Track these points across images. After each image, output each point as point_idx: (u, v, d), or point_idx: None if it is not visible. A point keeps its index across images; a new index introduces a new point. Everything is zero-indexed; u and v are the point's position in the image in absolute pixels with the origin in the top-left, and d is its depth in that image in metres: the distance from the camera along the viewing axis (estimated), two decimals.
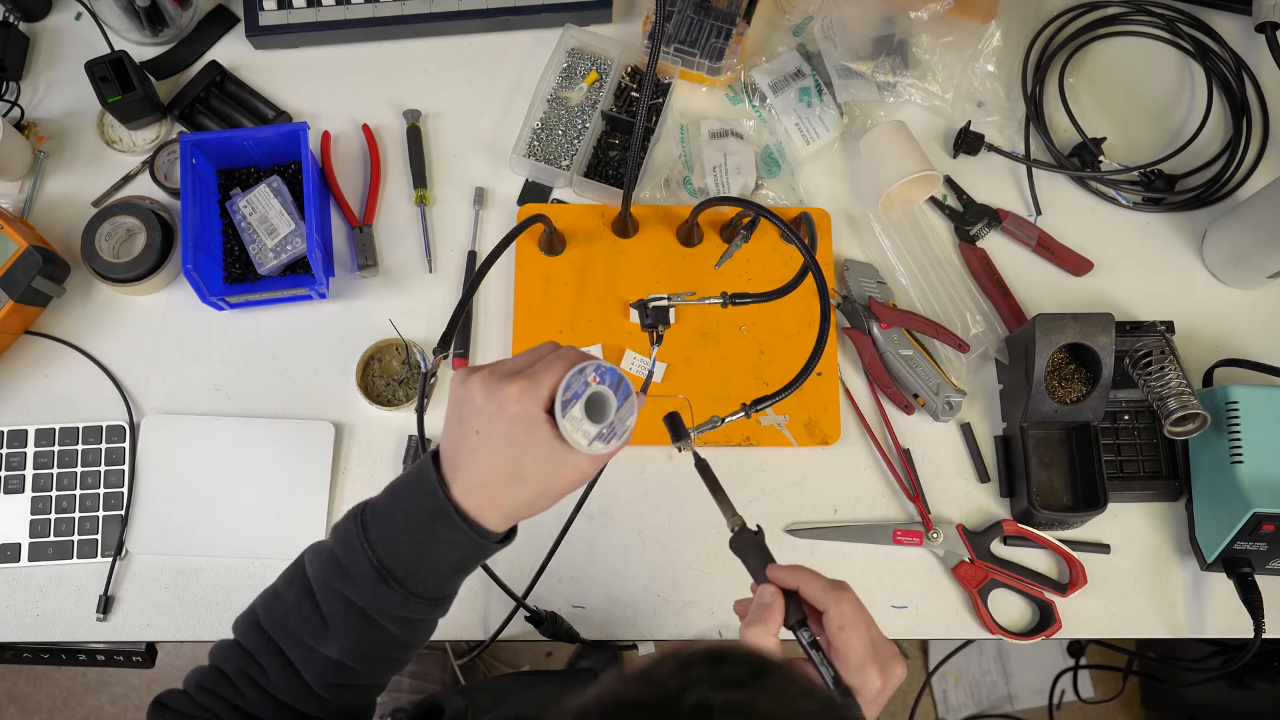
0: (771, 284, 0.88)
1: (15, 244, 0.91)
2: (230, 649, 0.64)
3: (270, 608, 0.63)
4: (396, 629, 0.60)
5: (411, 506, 0.59)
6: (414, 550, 0.59)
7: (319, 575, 0.60)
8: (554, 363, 0.58)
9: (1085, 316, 0.89)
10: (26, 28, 1.06)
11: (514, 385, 0.57)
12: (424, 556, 0.59)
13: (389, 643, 0.61)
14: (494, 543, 0.60)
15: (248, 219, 0.97)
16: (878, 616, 0.91)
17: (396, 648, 0.62)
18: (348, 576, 0.59)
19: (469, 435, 0.58)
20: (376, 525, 0.59)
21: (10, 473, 0.93)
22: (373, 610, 0.59)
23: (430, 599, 0.60)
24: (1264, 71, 1.07)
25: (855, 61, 1.03)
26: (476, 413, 0.58)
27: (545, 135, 1.02)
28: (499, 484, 0.58)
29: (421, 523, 0.58)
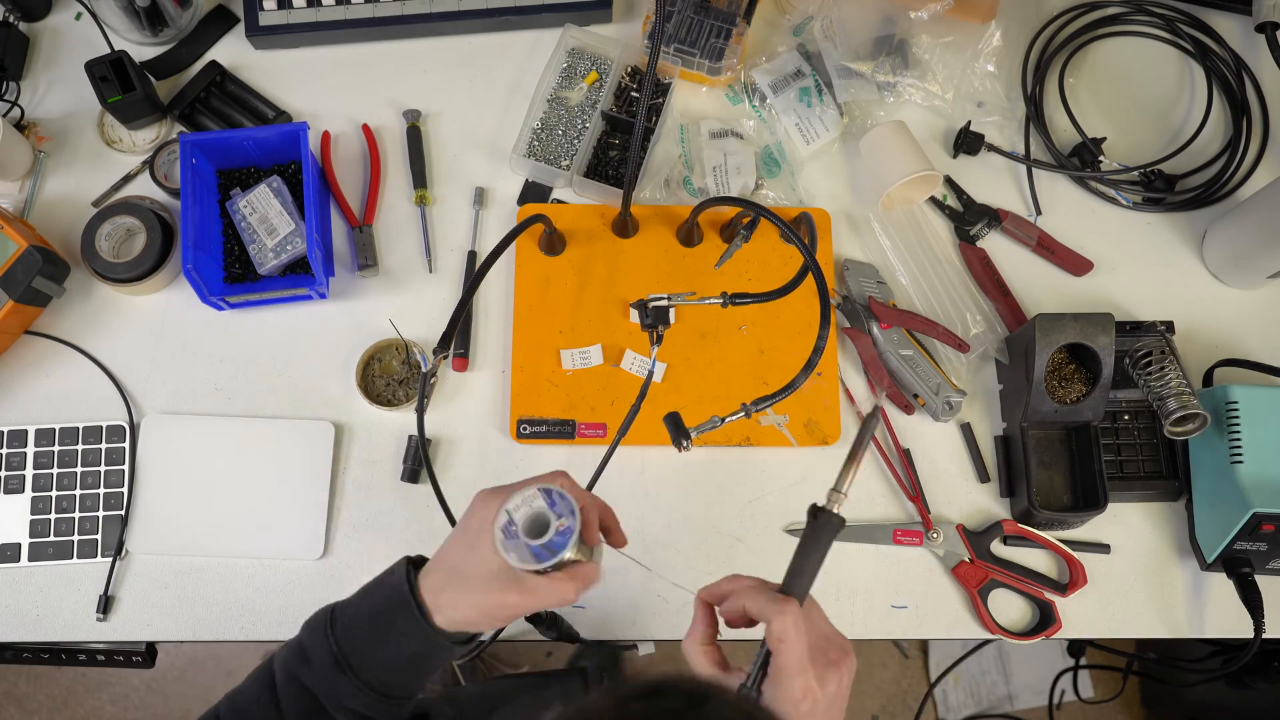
0: (771, 284, 0.88)
1: (15, 244, 0.91)
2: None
3: (234, 700, 0.65)
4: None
5: (378, 598, 0.63)
6: (372, 639, 0.62)
7: (283, 663, 0.63)
8: (531, 483, 0.64)
9: (1085, 316, 0.89)
10: (27, 28, 1.06)
11: (494, 493, 0.63)
12: (380, 646, 0.62)
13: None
14: (450, 644, 0.63)
15: (248, 219, 0.97)
16: (878, 616, 0.92)
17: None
18: (307, 663, 0.62)
19: (453, 533, 0.64)
20: (344, 615, 0.63)
21: (10, 473, 0.93)
22: (326, 699, 0.61)
23: (384, 695, 0.62)
24: (1264, 71, 1.07)
25: (855, 61, 1.03)
26: (466, 514, 0.65)
27: (545, 135, 1.02)
28: (452, 579, 0.62)
29: (384, 613, 0.62)
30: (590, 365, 0.96)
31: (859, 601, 0.93)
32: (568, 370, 0.96)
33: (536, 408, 0.95)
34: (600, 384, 0.96)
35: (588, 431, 0.94)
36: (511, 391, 0.95)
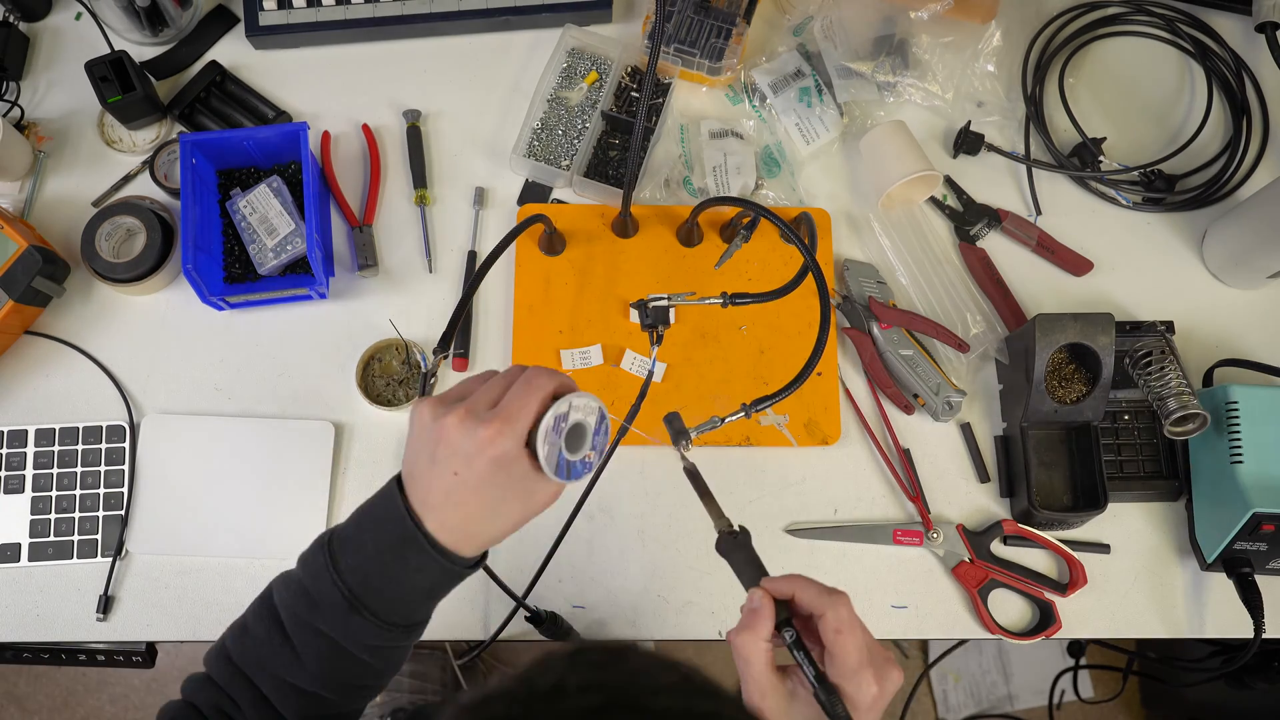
0: (772, 284, 0.88)
1: (15, 244, 0.91)
2: (203, 683, 0.63)
3: (240, 641, 0.63)
4: (369, 657, 0.60)
5: (380, 534, 0.59)
6: (385, 578, 0.59)
7: (289, 607, 0.60)
8: (529, 394, 0.57)
9: (1085, 316, 0.89)
10: (27, 28, 1.06)
11: (492, 426, 0.56)
12: (395, 584, 0.59)
13: (363, 672, 0.61)
14: (466, 568, 0.60)
15: (248, 219, 0.97)
16: (878, 616, 0.92)
17: (370, 676, 0.62)
18: (318, 608, 0.59)
19: (444, 476, 0.57)
20: (345, 554, 0.59)
21: (10, 473, 0.93)
22: (345, 641, 0.59)
23: (403, 626, 0.60)
24: (1264, 72, 1.07)
25: (855, 61, 1.03)
26: (454, 455, 0.56)
27: (545, 135, 1.02)
28: (476, 521, 0.58)
29: (392, 550, 0.58)
30: (590, 365, 0.96)
31: (859, 601, 0.92)
32: (568, 370, 0.96)
33: None
34: (600, 384, 0.96)
35: None
36: None
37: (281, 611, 0.61)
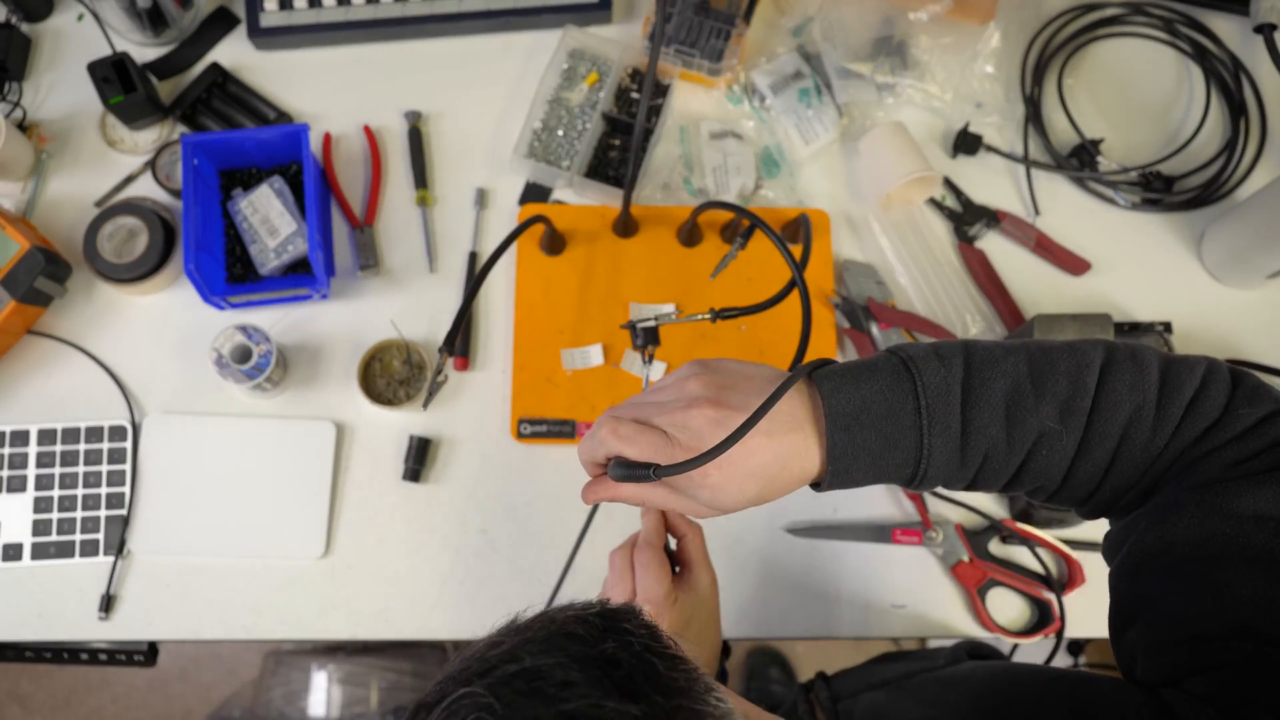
0: (772, 285, 0.88)
1: (17, 244, 0.91)
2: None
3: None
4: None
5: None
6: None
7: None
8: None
9: (1084, 317, 0.90)
10: (29, 29, 1.06)
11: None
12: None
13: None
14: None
15: (249, 219, 0.97)
16: (877, 615, 0.92)
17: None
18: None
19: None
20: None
21: (12, 472, 0.93)
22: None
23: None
24: (1262, 73, 1.08)
25: (854, 63, 1.03)
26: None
27: (546, 136, 1.02)
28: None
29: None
30: (590, 365, 0.96)
31: (858, 601, 0.93)
32: (568, 370, 0.96)
33: (537, 407, 0.95)
34: (601, 384, 0.96)
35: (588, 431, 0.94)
36: (512, 391, 0.95)
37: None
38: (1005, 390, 0.53)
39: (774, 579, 0.93)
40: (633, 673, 0.40)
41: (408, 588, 0.92)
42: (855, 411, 0.53)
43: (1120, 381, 0.53)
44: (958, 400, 0.53)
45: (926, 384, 0.53)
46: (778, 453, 0.53)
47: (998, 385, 0.53)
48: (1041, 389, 0.53)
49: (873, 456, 0.54)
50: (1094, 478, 0.55)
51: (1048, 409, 0.53)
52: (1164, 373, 0.54)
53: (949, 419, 0.53)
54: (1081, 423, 0.53)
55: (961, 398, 0.53)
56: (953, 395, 0.53)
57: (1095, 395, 0.53)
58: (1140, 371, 0.54)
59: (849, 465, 0.54)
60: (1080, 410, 0.53)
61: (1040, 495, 0.58)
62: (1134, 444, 0.53)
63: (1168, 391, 0.53)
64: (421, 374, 0.95)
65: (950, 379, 0.54)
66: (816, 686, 0.83)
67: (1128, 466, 0.54)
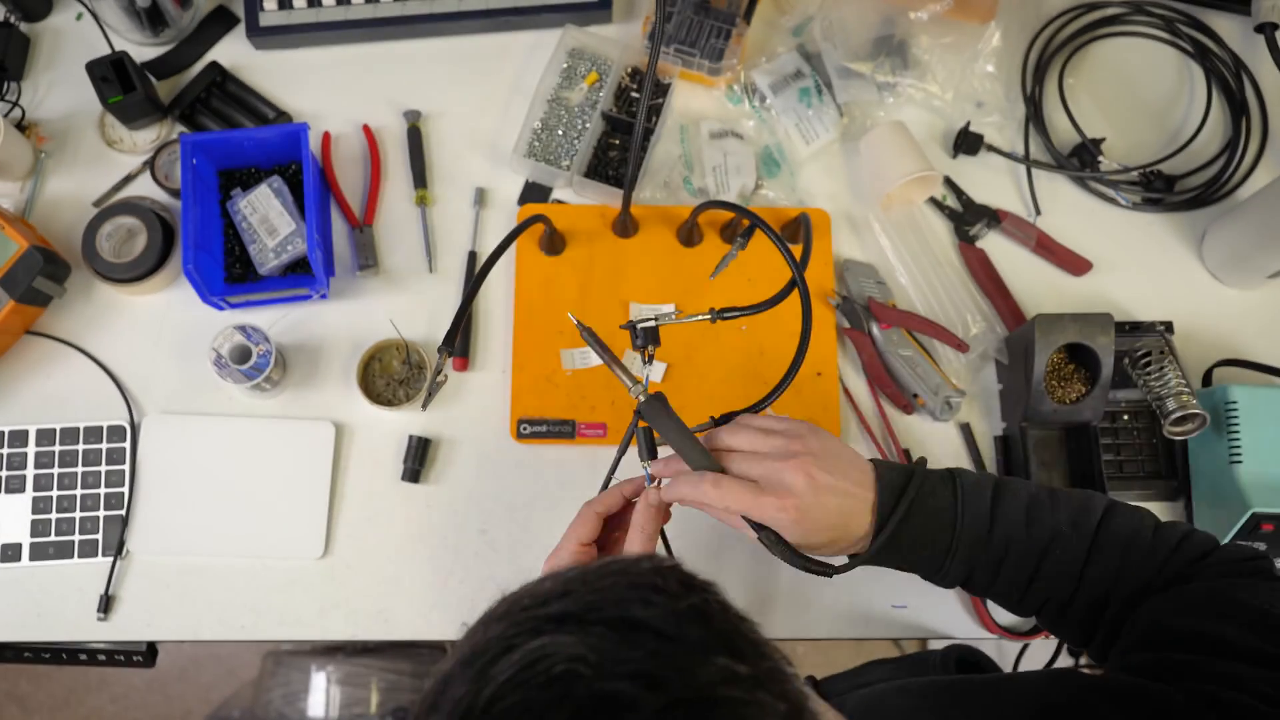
0: (772, 285, 0.88)
1: (16, 244, 0.91)
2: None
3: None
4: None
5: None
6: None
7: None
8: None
9: (1084, 316, 0.90)
10: (27, 28, 1.06)
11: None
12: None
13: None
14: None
15: (248, 219, 0.97)
16: (878, 616, 0.92)
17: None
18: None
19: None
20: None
21: (11, 472, 0.93)
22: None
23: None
24: (1263, 72, 1.08)
25: (855, 62, 1.03)
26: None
27: (545, 135, 1.02)
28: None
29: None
30: (590, 365, 0.96)
31: (859, 601, 0.93)
32: (568, 370, 0.96)
33: (537, 407, 0.95)
34: (600, 384, 0.96)
35: (588, 431, 0.94)
36: (511, 391, 0.95)
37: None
38: (1026, 499, 0.66)
39: (774, 579, 0.93)
40: (726, 630, 0.39)
41: (407, 588, 0.92)
42: (904, 487, 0.65)
43: (1121, 512, 0.67)
44: (988, 497, 0.66)
45: (964, 481, 0.67)
46: (845, 518, 0.65)
47: (1021, 493, 0.67)
48: (1056, 502, 0.67)
49: (912, 529, 0.65)
50: (1102, 589, 0.65)
51: (1062, 516, 0.66)
52: (1157, 520, 0.67)
53: (980, 507, 0.66)
54: (1090, 533, 0.65)
55: (991, 497, 0.66)
56: (984, 493, 0.66)
57: (1100, 516, 0.66)
58: (1136, 512, 0.67)
59: (894, 533, 0.64)
60: (1088, 523, 0.66)
61: (1053, 609, 0.67)
62: (1135, 561, 0.65)
63: (1161, 529, 0.67)
64: (421, 374, 0.95)
65: (982, 483, 0.67)
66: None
67: (1132, 582, 0.64)
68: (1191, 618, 0.59)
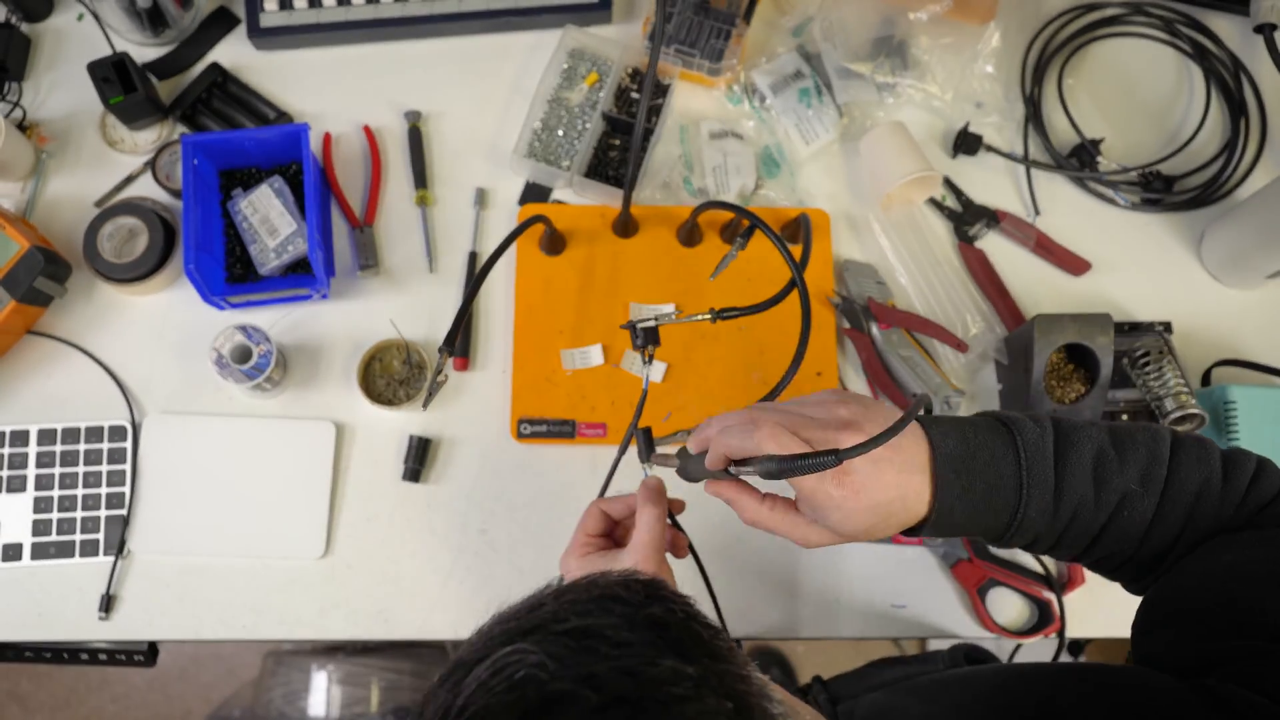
0: (772, 285, 0.88)
1: (17, 244, 0.91)
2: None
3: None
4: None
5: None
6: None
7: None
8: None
9: (1084, 317, 0.90)
10: (28, 29, 1.06)
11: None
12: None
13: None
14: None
15: (249, 219, 0.97)
16: (877, 616, 0.92)
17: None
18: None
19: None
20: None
21: (12, 472, 0.93)
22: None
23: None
24: (1262, 73, 1.08)
25: (854, 62, 1.03)
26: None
27: (545, 136, 1.02)
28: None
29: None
30: (590, 365, 0.96)
31: (858, 601, 0.93)
32: (568, 370, 0.96)
33: (537, 407, 0.95)
34: (600, 384, 0.96)
35: (588, 431, 0.94)
36: (512, 391, 0.95)
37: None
38: (1093, 454, 0.59)
39: (774, 579, 0.93)
40: (681, 636, 0.40)
41: (407, 588, 0.92)
42: (963, 456, 0.58)
43: (1190, 456, 0.60)
44: (1051, 458, 0.59)
45: (1025, 440, 0.59)
46: (902, 490, 0.58)
47: (1086, 448, 0.59)
48: (1124, 455, 0.60)
49: (974, 502, 0.59)
50: (1166, 543, 0.60)
51: (1131, 472, 0.59)
52: (1225, 456, 0.61)
53: (1045, 472, 0.59)
54: (1159, 489, 0.59)
55: (1055, 456, 0.59)
56: (1047, 452, 0.59)
57: (1169, 464, 0.60)
58: (1205, 451, 0.61)
59: (953, 507, 0.58)
60: (1158, 477, 0.59)
61: (1113, 562, 0.63)
62: (1204, 513, 0.59)
63: (1231, 471, 0.60)
64: (421, 374, 0.95)
65: (1044, 439, 0.60)
66: (814, 689, 0.83)
67: (1197, 533, 0.60)
68: (1236, 582, 0.56)
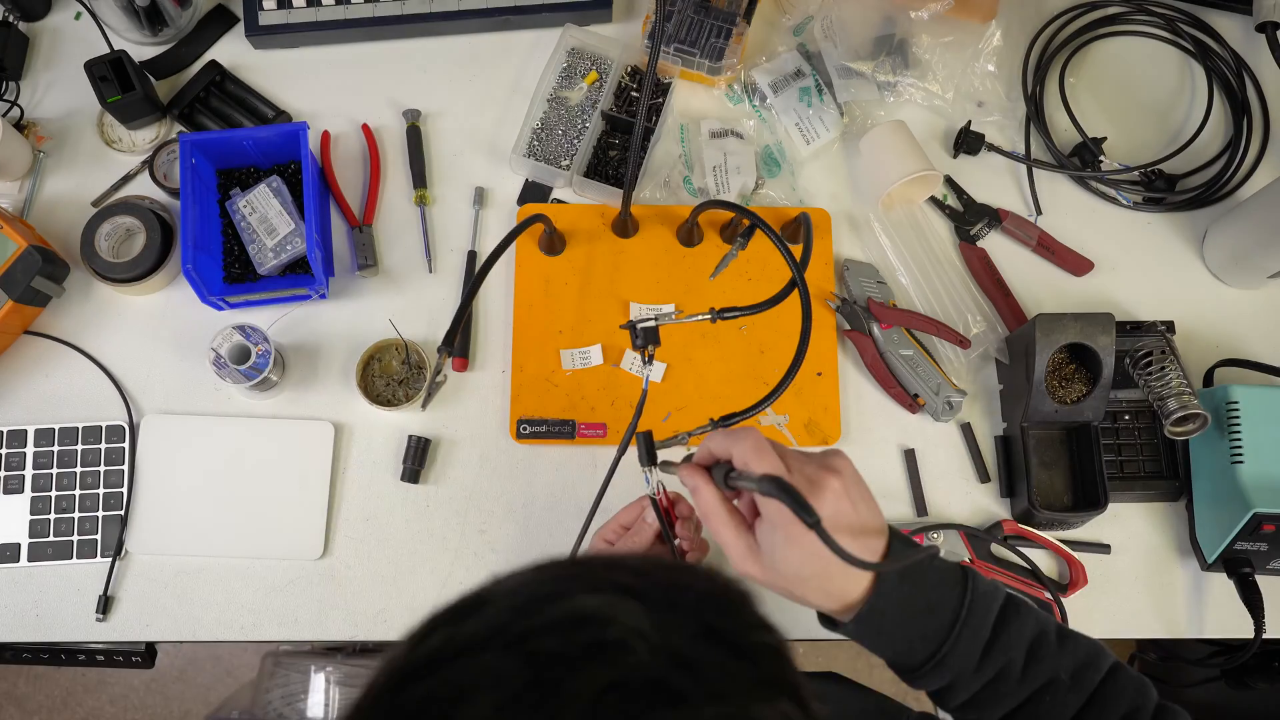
0: (772, 285, 0.88)
1: (15, 244, 0.91)
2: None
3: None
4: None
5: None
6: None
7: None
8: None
9: (1085, 316, 0.89)
10: (26, 27, 1.06)
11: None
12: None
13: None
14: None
15: (247, 219, 0.97)
16: None
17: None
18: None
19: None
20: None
21: (10, 473, 0.93)
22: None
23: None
24: (1264, 71, 1.07)
25: (855, 61, 1.03)
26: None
27: (545, 135, 1.02)
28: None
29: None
30: (590, 365, 0.96)
31: None
32: (568, 370, 0.96)
33: (536, 408, 0.95)
34: (600, 384, 0.95)
35: (588, 431, 0.94)
36: (511, 391, 0.95)
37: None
38: (1034, 630, 0.61)
39: None
40: (795, 680, 0.37)
41: (406, 589, 0.92)
42: (915, 568, 0.59)
43: (1129, 683, 0.62)
44: (994, 613, 0.60)
45: (977, 586, 0.60)
46: (834, 561, 0.55)
47: (1030, 621, 0.61)
48: (1064, 646, 0.61)
49: (907, 616, 0.59)
50: None
51: (1065, 662, 0.60)
52: (1160, 707, 0.62)
53: (984, 619, 0.59)
54: (1088, 691, 0.60)
55: (998, 614, 0.60)
56: (993, 606, 0.60)
57: (1104, 676, 0.61)
58: (1144, 687, 0.62)
59: (885, 609, 0.58)
60: (1090, 681, 0.60)
61: None
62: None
63: (1160, 710, 0.62)
64: (420, 374, 0.95)
65: (995, 595, 0.61)
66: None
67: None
68: None
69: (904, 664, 0.61)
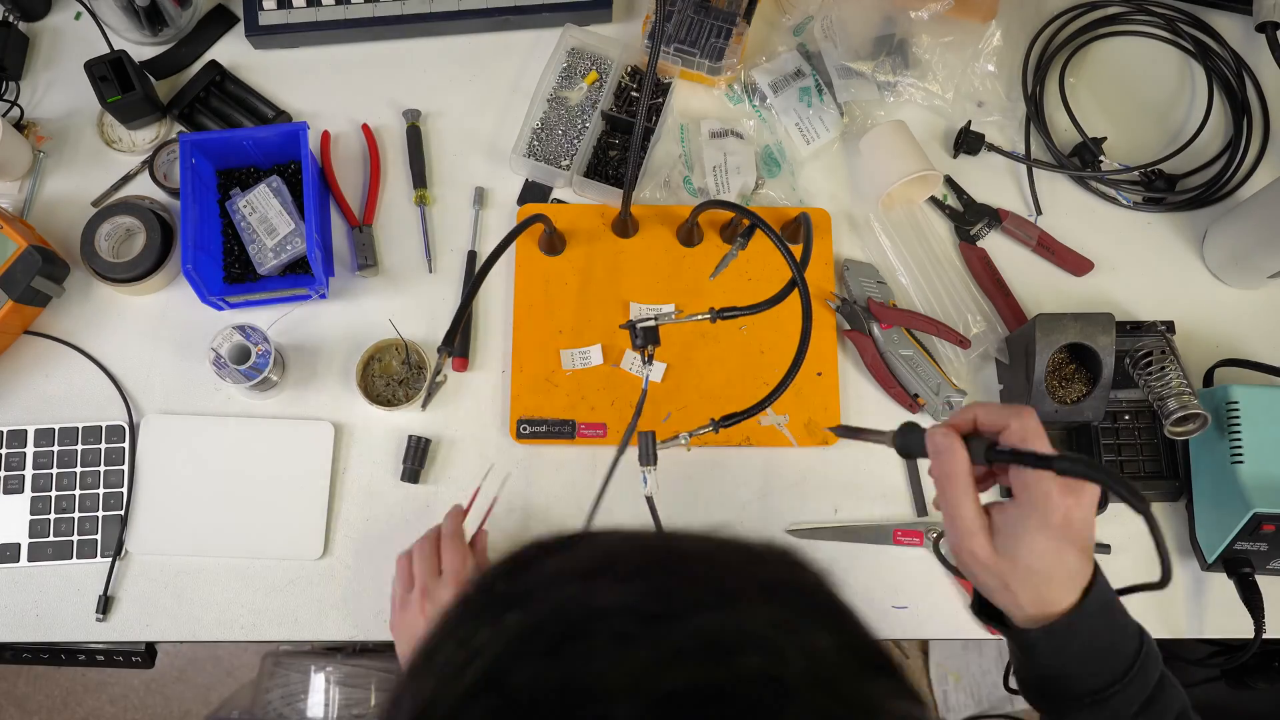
0: (772, 284, 0.88)
1: (15, 244, 0.91)
2: None
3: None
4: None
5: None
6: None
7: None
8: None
9: (1085, 316, 0.89)
10: (26, 27, 1.06)
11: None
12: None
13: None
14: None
15: (247, 219, 0.97)
16: (878, 616, 0.92)
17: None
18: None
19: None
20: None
21: (10, 473, 0.93)
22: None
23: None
24: (1264, 71, 1.07)
25: (855, 61, 1.03)
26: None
27: (545, 135, 1.02)
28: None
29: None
30: (590, 365, 0.96)
31: (859, 602, 0.92)
32: (568, 370, 0.96)
33: (536, 408, 0.95)
34: (600, 384, 0.95)
35: (588, 431, 0.94)
36: (511, 391, 0.95)
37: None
38: (1180, 705, 0.64)
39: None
40: (909, 683, 0.37)
41: None
42: (1107, 605, 0.61)
43: None
44: (1157, 676, 0.63)
45: (1149, 644, 0.63)
46: (1081, 567, 0.59)
47: (1178, 695, 0.65)
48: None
49: (1094, 644, 0.60)
50: None
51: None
52: None
53: (1150, 676, 0.62)
54: None
55: (1158, 677, 0.63)
56: (1159, 668, 0.63)
57: None
58: None
59: (1080, 630, 0.59)
60: None
61: None
62: None
63: None
64: (420, 374, 0.95)
65: (1158, 661, 0.64)
66: None
67: None
68: None
69: (1064, 690, 0.61)
